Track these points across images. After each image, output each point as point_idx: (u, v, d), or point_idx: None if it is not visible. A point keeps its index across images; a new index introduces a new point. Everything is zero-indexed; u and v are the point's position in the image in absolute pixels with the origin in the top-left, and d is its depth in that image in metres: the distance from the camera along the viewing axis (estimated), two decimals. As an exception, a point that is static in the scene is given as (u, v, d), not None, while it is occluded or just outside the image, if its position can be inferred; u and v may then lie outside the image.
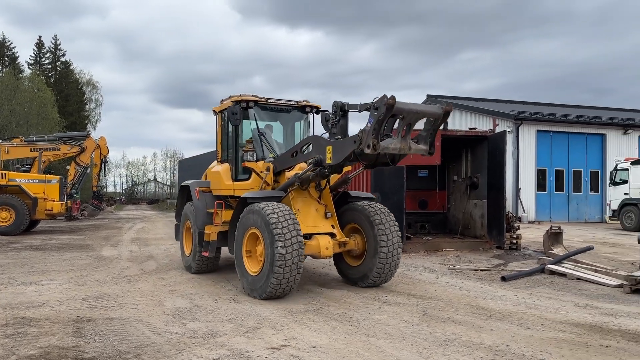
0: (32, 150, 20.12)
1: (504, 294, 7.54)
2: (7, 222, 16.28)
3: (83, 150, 21.87)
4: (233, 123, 7.88)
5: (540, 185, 25.46)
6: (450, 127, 13.60)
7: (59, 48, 47.64)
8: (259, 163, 7.73)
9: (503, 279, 8.66)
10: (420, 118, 6.35)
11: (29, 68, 44.62)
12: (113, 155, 75.37)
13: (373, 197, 8.41)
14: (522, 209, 24.09)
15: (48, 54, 47.40)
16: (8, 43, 44.35)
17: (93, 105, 52.73)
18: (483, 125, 18.69)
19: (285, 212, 6.60)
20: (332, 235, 7.43)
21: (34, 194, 17.08)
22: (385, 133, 6.34)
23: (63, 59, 47.74)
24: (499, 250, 12.21)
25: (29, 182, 17.49)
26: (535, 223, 23.23)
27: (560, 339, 5.21)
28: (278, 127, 8.91)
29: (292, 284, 6.61)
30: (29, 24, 79.50)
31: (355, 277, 7.81)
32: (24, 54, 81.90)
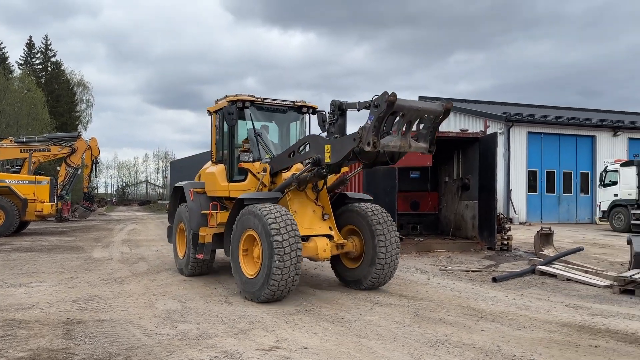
0: (22, 151, 19.96)
1: (495, 295, 7.58)
2: (-4, 223, 16.13)
3: (74, 151, 21.69)
4: (229, 123, 7.74)
5: (531, 187, 25.64)
6: (442, 128, 13.49)
7: (50, 48, 47.39)
8: (256, 164, 7.59)
9: (494, 280, 8.70)
10: (421, 116, 6.23)
11: (19, 68, 44.32)
12: (104, 156, 75.13)
13: (371, 198, 8.26)
14: (513, 210, 24.24)
15: (39, 54, 47.11)
16: (-2, 43, 43.99)
17: (84, 106, 52.49)
18: (474, 127, 18.80)
19: (284, 215, 6.47)
20: (329, 237, 7.34)
21: (24, 195, 16.96)
22: (385, 131, 6.21)
23: (54, 59, 47.51)
24: (490, 251, 12.27)
25: (19, 183, 17.36)
26: (526, 224, 23.38)
27: (550, 339, 5.24)
28: (273, 127, 8.77)
29: (289, 288, 6.50)
30: (19, 24, 79.04)
31: (352, 279, 7.75)
32: (14, 54, 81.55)
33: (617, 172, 20.52)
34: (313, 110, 8.54)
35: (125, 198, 62.28)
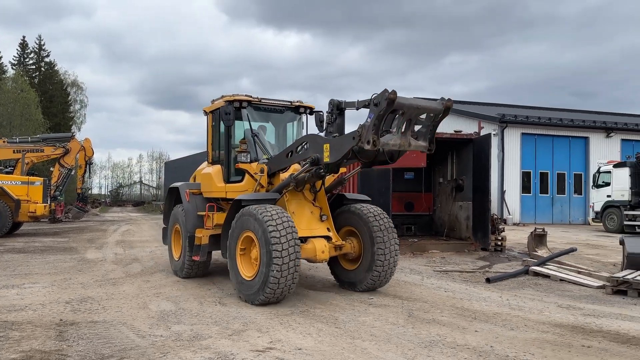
0: (15, 152, 19.87)
1: (489, 296, 7.60)
2: (-11, 224, 16.03)
3: (67, 152, 21.61)
4: (226, 123, 7.65)
5: (525, 188, 25.76)
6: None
7: (43, 48, 47.05)
8: (253, 164, 7.49)
9: (488, 281, 8.73)
10: (421, 114, 6.18)
11: (13, 68, 43.97)
12: (98, 157, 74.91)
13: (369, 199, 8.16)
14: (507, 211, 24.33)
15: (32, 54, 46.76)
16: (-9, 43, 43.79)
17: (78, 107, 52.08)
18: (468, 128, 18.87)
19: (283, 216, 6.40)
20: (327, 239, 7.27)
21: (17, 196, 16.86)
22: (385, 129, 6.13)
23: (47, 60, 47.14)
24: (484, 252, 12.31)
25: (12, 183, 17.25)
26: (520, 225, 23.47)
27: (543, 340, 5.27)
28: (270, 128, 8.69)
29: (288, 290, 6.46)
30: (13, 24, 78.45)
31: (348, 281, 7.71)
32: (7, 54, 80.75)
33: (610, 173, 20.65)
34: (310, 111, 8.45)
35: (119, 199, 61.91)
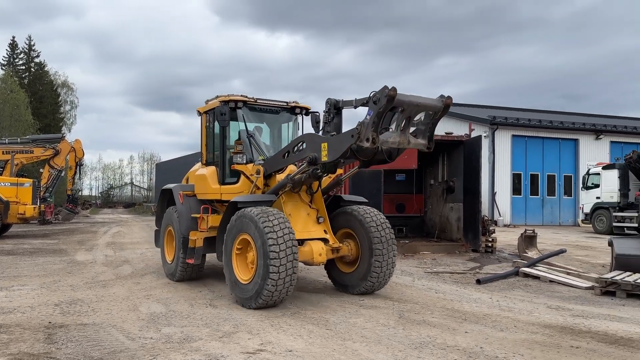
0: (4, 153, 19.72)
1: (479, 297, 7.64)
2: (-23, 226, 15.90)
3: (57, 153, 21.47)
4: (221, 124, 7.54)
5: (516, 189, 25.92)
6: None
7: (33, 49, 46.70)
8: (249, 166, 7.34)
9: (478, 282, 8.78)
10: (421, 111, 6.12)
11: (2, 69, 43.59)
12: (88, 158, 74.34)
13: (366, 201, 8.05)
14: (497, 213, 24.47)
15: (22, 55, 46.39)
16: (-20, 43, 43.41)
17: (68, 107, 51.67)
18: (459, 130, 18.92)
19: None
20: (324, 241, 7.16)
21: (6, 198, 16.71)
22: (384, 127, 6.08)
23: (37, 60, 46.79)
24: (475, 254, 12.37)
25: (1, 185, 17.12)
26: (511, 226, 23.61)
27: (533, 341, 5.31)
28: (265, 128, 8.53)
29: (285, 294, 6.38)
30: (2, 24, 77.80)
31: (343, 284, 7.66)
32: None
33: (599, 175, 20.84)
34: (306, 111, 8.37)
35: (110, 200, 61.47)
